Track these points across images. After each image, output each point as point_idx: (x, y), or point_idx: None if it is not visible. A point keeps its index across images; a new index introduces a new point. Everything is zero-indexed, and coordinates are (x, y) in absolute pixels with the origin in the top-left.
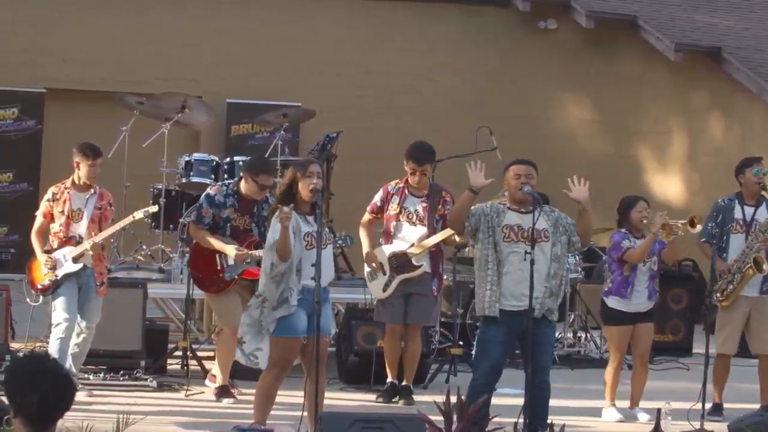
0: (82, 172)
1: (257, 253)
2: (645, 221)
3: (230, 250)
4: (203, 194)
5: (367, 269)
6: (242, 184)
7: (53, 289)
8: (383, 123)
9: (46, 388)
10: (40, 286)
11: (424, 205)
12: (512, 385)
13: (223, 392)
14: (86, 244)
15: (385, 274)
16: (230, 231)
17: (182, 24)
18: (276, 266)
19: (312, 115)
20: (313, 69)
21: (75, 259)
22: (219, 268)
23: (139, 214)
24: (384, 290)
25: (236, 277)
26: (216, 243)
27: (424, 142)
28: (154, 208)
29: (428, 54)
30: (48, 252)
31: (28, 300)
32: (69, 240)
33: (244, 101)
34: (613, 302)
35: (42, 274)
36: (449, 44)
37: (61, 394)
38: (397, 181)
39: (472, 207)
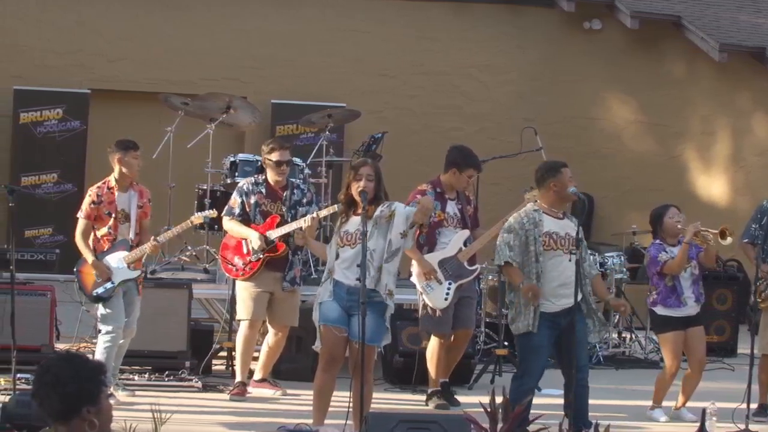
0: (126, 166)
1: (281, 230)
2: (680, 226)
3: (254, 237)
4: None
5: (423, 282)
6: (268, 173)
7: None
8: (428, 123)
9: (35, 389)
10: (95, 294)
11: (459, 206)
12: (553, 385)
13: (236, 390)
14: (146, 247)
15: (440, 282)
16: (261, 216)
17: (227, 24)
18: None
19: (357, 115)
20: (357, 69)
21: (132, 265)
22: (246, 252)
23: (198, 219)
24: (446, 299)
25: (262, 256)
26: (242, 230)
27: (468, 147)
28: (214, 213)
29: (473, 54)
30: (95, 255)
31: (83, 307)
32: (121, 244)
33: (289, 102)
34: (661, 310)
35: (96, 281)
36: (494, 44)
37: (51, 394)
38: (429, 186)
39: (509, 238)
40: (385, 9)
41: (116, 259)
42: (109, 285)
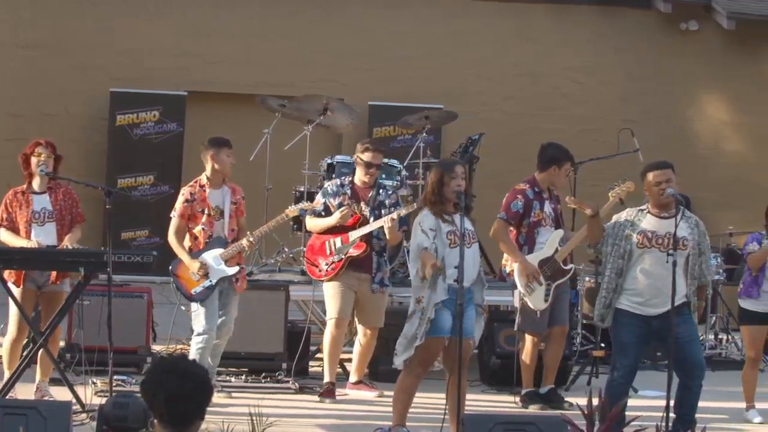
0: (219, 163)
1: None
2: None
3: (335, 216)
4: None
5: (524, 282)
6: (356, 174)
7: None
8: (527, 125)
9: (172, 388)
10: (193, 293)
11: (552, 206)
12: (650, 386)
13: (325, 392)
14: (242, 243)
15: (541, 284)
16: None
17: (323, 26)
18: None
19: (454, 117)
20: (455, 71)
21: (228, 262)
22: (329, 252)
23: (294, 212)
24: (546, 300)
25: (344, 256)
26: (322, 222)
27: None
28: (308, 204)
29: (570, 56)
30: (189, 253)
31: (182, 307)
32: (216, 241)
33: (386, 103)
34: (745, 303)
35: (194, 280)
36: (591, 46)
37: (189, 395)
38: (527, 185)
39: (608, 224)
40: (482, 11)
41: (213, 257)
42: (207, 283)
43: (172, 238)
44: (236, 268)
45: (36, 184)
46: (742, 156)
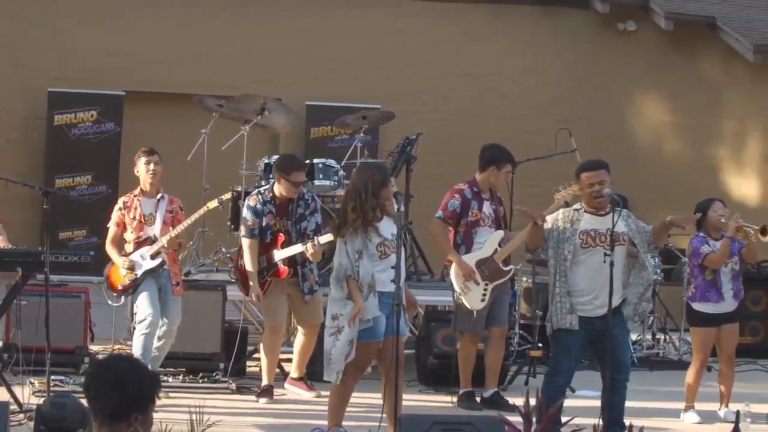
0: (141, 174)
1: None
2: (723, 220)
3: (252, 277)
4: (245, 206)
5: (461, 282)
6: (276, 187)
7: (134, 288)
8: (465, 125)
9: (89, 379)
10: (120, 287)
11: (493, 207)
12: (588, 386)
13: (263, 392)
14: (164, 240)
15: (477, 283)
16: (271, 235)
17: (261, 26)
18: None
19: (391, 117)
20: (395, 71)
21: (153, 256)
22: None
23: (213, 203)
24: (482, 300)
25: (268, 278)
26: (249, 267)
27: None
28: (227, 195)
29: (509, 56)
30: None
31: (109, 301)
32: (145, 241)
33: (324, 104)
34: (699, 306)
35: (121, 276)
36: (530, 46)
37: (106, 389)
38: (466, 185)
39: (546, 228)
40: (421, 10)
41: (139, 254)
42: (132, 277)
43: (108, 246)
44: (159, 260)
45: None
46: (679, 156)
